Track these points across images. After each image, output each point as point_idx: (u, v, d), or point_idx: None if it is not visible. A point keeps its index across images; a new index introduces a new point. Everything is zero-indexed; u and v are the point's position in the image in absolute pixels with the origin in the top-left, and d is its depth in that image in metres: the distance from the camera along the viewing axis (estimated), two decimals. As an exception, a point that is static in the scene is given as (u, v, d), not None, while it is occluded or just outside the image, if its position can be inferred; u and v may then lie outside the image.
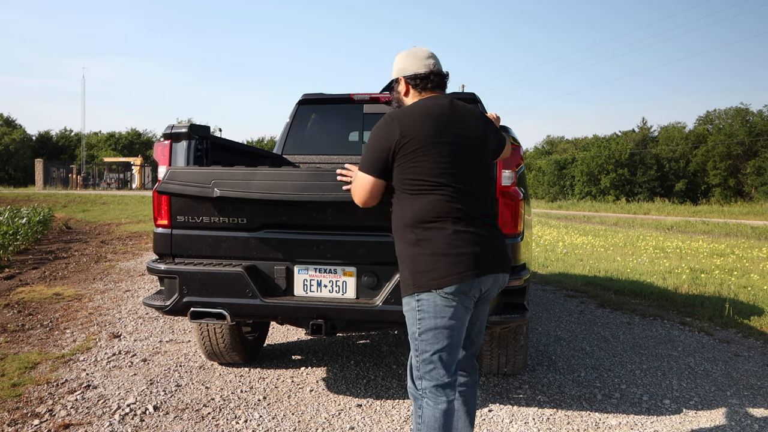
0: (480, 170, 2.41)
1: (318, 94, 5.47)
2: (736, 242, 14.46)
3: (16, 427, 3.18)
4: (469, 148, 2.36)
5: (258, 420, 3.34)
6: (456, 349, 2.35)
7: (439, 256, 2.27)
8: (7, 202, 20.48)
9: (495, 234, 2.43)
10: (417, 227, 2.31)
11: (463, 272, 2.26)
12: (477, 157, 2.39)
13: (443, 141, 2.30)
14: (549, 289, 7.54)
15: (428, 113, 2.35)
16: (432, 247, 2.28)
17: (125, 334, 5.03)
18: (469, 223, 2.31)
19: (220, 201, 3.17)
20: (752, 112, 48.27)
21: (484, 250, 2.32)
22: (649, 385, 4.00)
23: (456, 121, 2.37)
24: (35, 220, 12.02)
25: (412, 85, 2.46)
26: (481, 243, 2.32)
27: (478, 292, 2.35)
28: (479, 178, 2.40)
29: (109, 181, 43.27)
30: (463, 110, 2.42)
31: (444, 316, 2.29)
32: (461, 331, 2.34)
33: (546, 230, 17.38)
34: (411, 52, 2.50)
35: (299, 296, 3.21)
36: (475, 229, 2.32)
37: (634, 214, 29.08)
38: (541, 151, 65.10)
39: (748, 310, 6.31)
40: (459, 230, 2.28)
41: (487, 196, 2.45)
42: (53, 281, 7.50)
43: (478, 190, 2.38)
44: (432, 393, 2.32)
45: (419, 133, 2.29)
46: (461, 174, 2.32)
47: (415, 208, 2.31)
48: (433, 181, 2.29)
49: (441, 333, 2.30)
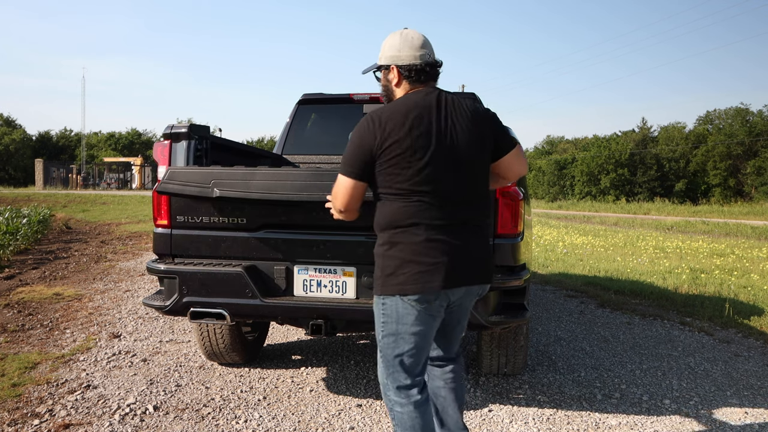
0: (469, 174, 2.25)
1: (318, 94, 5.47)
2: (736, 242, 14.46)
3: (16, 427, 3.18)
4: (456, 149, 2.21)
5: (258, 420, 3.34)
6: (420, 352, 2.31)
7: (407, 262, 2.20)
8: (7, 202, 20.48)
9: (476, 243, 2.29)
10: (390, 230, 2.24)
11: (427, 282, 2.19)
12: (466, 159, 2.23)
13: (426, 144, 2.17)
14: (549, 289, 7.54)
15: (412, 113, 2.20)
16: (401, 253, 2.21)
17: (125, 334, 5.03)
18: (445, 231, 2.21)
19: (219, 201, 3.17)
20: (752, 112, 48.29)
21: (456, 261, 2.22)
22: (649, 385, 4.00)
23: (443, 121, 2.22)
24: (35, 220, 12.02)
25: (405, 76, 2.31)
26: (454, 253, 2.21)
27: (445, 301, 2.28)
28: (468, 183, 2.26)
29: (109, 181, 43.27)
30: (454, 107, 2.26)
31: (406, 323, 2.25)
32: (426, 336, 2.30)
33: (546, 230, 17.38)
34: (405, 37, 2.32)
35: (299, 296, 3.21)
36: (450, 238, 2.21)
37: (634, 214, 29.08)
38: (541, 151, 65.11)
39: (748, 310, 6.31)
40: (431, 238, 2.19)
41: (476, 201, 2.29)
42: (53, 281, 7.50)
43: (465, 196, 2.26)
44: (395, 393, 2.33)
45: (401, 136, 2.16)
46: (445, 179, 2.20)
47: (391, 211, 2.23)
48: (413, 188, 2.18)
49: (402, 338, 2.28)
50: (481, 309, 3.02)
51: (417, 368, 2.33)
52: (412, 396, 2.31)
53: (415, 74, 2.30)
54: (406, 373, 2.31)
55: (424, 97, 2.26)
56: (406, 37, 2.32)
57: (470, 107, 2.30)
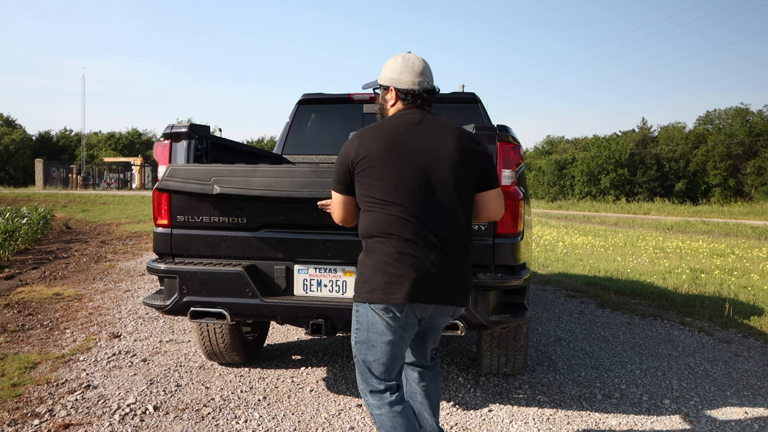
0: (449, 193, 2.26)
1: (318, 94, 5.47)
2: (736, 242, 14.46)
3: (16, 427, 3.18)
4: (432, 166, 2.25)
5: (258, 420, 3.34)
6: (392, 361, 2.35)
7: (376, 271, 2.25)
8: (7, 202, 20.49)
9: (450, 264, 2.28)
10: (367, 239, 2.32)
11: (391, 294, 2.22)
12: (444, 178, 2.25)
13: (400, 159, 2.24)
14: (549, 289, 7.54)
15: (391, 131, 2.30)
16: (374, 261, 2.27)
17: (125, 334, 5.03)
18: (416, 246, 2.22)
19: (219, 200, 3.17)
20: (752, 112, 48.29)
21: (423, 277, 2.22)
22: (649, 385, 4.00)
23: (421, 138, 2.28)
24: (35, 220, 12.02)
25: (401, 98, 2.40)
26: (423, 267, 2.22)
27: (412, 316, 2.29)
28: (445, 202, 2.26)
29: (109, 181, 43.27)
30: (434, 127, 2.32)
31: (376, 332, 2.30)
32: (396, 346, 2.33)
33: (546, 230, 17.39)
34: (406, 62, 2.40)
35: (299, 296, 3.21)
36: (421, 253, 2.22)
37: (634, 214, 29.08)
38: (541, 151, 65.10)
39: (748, 310, 6.31)
40: (402, 251, 2.22)
41: (454, 223, 2.28)
42: (53, 281, 7.50)
43: (442, 215, 2.26)
44: (370, 396, 2.37)
45: (374, 151, 2.26)
46: (420, 194, 2.23)
47: (369, 221, 2.30)
48: (385, 200, 2.24)
49: (373, 346, 2.33)
50: (481, 309, 3.02)
51: (389, 375, 2.37)
52: (386, 398, 2.35)
53: (411, 98, 2.39)
54: (378, 378, 2.36)
55: (410, 117, 2.36)
56: (407, 61, 2.41)
57: (457, 131, 2.35)
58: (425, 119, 2.35)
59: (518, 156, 3.10)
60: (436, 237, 2.24)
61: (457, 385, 3.89)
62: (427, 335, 2.49)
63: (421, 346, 2.54)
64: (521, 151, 3.17)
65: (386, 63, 2.46)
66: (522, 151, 3.20)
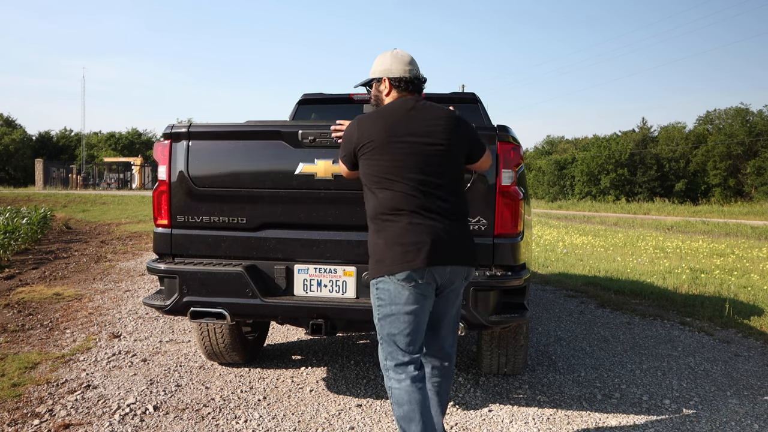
0: (445, 169, 2.49)
1: (318, 94, 5.47)
2: (736, 242, 14.46)
3: (16, 427, 3.18)
4: (428, 147, 2.47)
5: (258, 420, 3.34)
6: (415, 332, 2.50)
7: (392, 245, 2.43)
8: (7, 202, 20.49)
9: (457, 228, 2.49)
10: (377, 219, 2.50)
11: (411, 260, 2.39)
12: (439, 156, 2.48)
13: (399, 141, 2.46)
14: (549, 289, 7.54)
15: (389, 115, 2.53)
16: (387, 237, 2.45)
17: (125, 334, 5.03)
18: (425, 216, 2.43)
19: (219, 200, 3.18)
20: (752, 112, 48.24)
21: (437, 241, 2.41)
22: (649, 385, 4.00)
23: (415, 122, 2.50)
24: (35, 220, 12.02)
25: (395, 86, 2.63)
26: (436, 234, 2.42)
27: (432, 281, 2.46)
28: (443, 178, 2.48)
29: (109, 181, 43.25)
30: (427, 111, 2.55)
31: (399, 303, 2.45)
32: (420, 314, 2.48)
33: (546, 230, 17.39)
34: (395, 55, 2.65)
35: (299, 296, 3.21)
36: (432, 222, 2.43)
37: (634, 214, 29.08)
38: (541, 151, 65.07)
39: (748, 310, 6.31)
40: (414, 222, 2.42)
41: (453, 195, 2.51)
42: (53, 281, 7.50)
43: (441, 189, 2.47)
44: (393, 371, 2.50)
45: (375, 135, 2.49)
46: (420, 172, 2.44)
47: (376, 201, 2.49)
48: (390, 178, 2.45)
49: (397, 318, 2.47)
50: (481, 308, 3.02)
51: (413, 347, 2.51)
52: (410, 372, 2.48)
53: (404, 84, 2.63)
54: (403, 351, 2.50)
55: (405, 102, 2.59)
56: (395, 54, 2.67)
57: (446, 113, 2.58)
58: (418, 105, 2.57)
59: (518, 156, 3.10)
60: (440, 208, 2.46)
61: (457, 385, 3.89)
62: (445, 308, 2.61)
63: (437, 329, 2.65)
64: (521, 151, 3.17)
65: (376, 59, 2.71)
66: (522, 151, 3.20)
